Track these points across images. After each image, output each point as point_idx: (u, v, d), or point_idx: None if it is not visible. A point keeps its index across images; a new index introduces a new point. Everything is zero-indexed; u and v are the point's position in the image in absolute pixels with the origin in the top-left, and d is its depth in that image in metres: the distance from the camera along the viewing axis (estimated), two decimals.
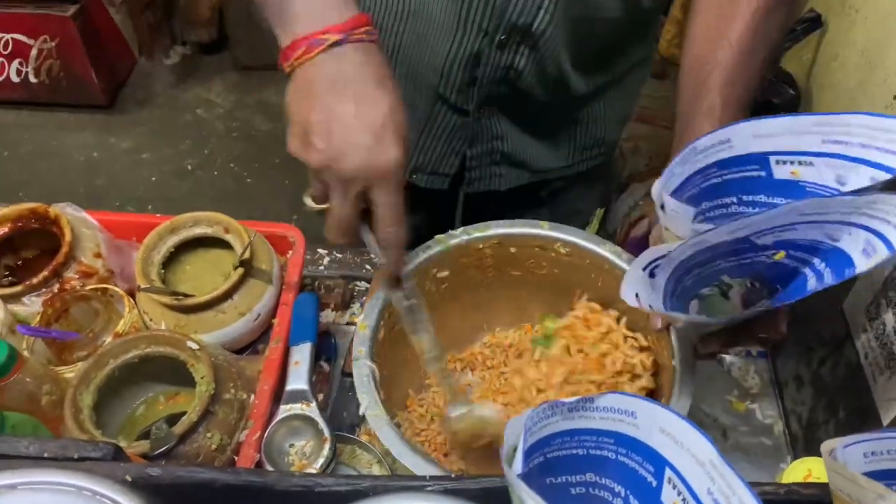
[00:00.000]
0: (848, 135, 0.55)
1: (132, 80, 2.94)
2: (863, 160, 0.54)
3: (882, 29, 1.20)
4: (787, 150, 0.58)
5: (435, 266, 0.82)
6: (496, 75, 0.86)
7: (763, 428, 0.89)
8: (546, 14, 0.78)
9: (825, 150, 0.56)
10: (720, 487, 0.39)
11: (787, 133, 0.57)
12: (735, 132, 0.58)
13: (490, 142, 0.96)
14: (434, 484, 0.52)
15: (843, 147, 0.55)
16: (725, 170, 0.60)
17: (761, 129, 0.58)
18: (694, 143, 0.58)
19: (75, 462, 0.54)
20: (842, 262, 0.55)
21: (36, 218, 0.89)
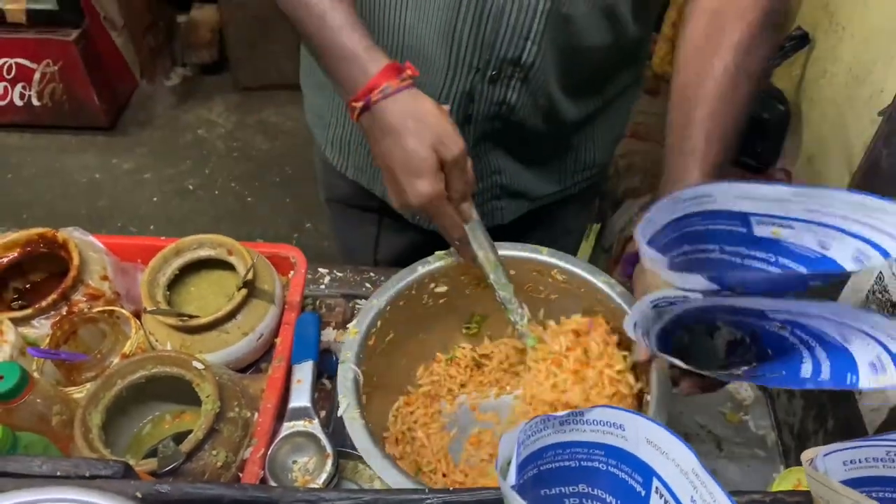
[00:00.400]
0: (830, 206, 0.55)
1: (133, 101, 2.98)
2: (843, 230, 0.55)
3: (867, 46, 1.23)
4: (768, 214, 0.59)
5: (433, 281, 0.85)
6: (490, 111, 0.88)
7: (756, 439, 0.91)
8: (534, 45, 0.81)
9: (806, 217, 0.57)
10: (702, 495, 0.41)
11: (767, 199, 0.58)
12: (718, 190, 0.59)
13: (489, 177, 0.98)
14: (433, 497, 0.54)
15: (823, 216, 0.56)
16: (708, 220, 0.61)
17: (743, 190, 0.58)
18: (676, 194, 0.58)
19: (87, 480, 0.56)
20: (845, 366, 0.54)
21: (44, 242, 0.91)
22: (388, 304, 0.83)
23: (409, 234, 1.08)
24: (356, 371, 0.77)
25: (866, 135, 0.74)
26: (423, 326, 0.88)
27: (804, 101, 1.51)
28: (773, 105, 1.50)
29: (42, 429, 0.75)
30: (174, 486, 0.56)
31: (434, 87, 0.85)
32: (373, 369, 0.80)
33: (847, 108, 1.28)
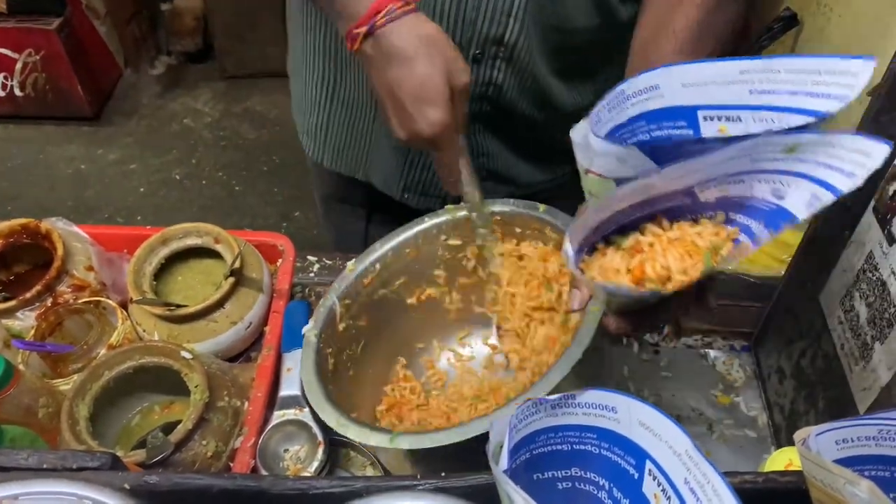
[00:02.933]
0: (774, 82, 0.51)
1: (118, 91, 2.95)
2: (791, 109, 0.51)
3: (855, 26, 1.23)
4: (715, 104, 0.55)
5: (445, 234, 0.85)
6: (477, 91, 0.87)
7: (747, 420, 0.91)
8: (516, 22, 0.80)
9: (752, 103, 0.53)
10: (695, 476, 0.41)
11: (714, 82, 0.54)
12: (664, 77, 0.55)
13: (477, 159, 0.97)
14: (425, 483, 0.54)
15: (770, 97, 0.52)
16: (654, 124, 0.57)
17: (689, 76, 0.55)
18: (622, 86, 0.55)
19: (74, 472, 0.55)
20: (782, 218, 0.51)
21: (27, 233, 0.90)
22: (391, 250, 0.83)
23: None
24: (335, 301, 0.79)
25: (855, 115, 0.73)
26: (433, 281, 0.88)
27: None
28: None
29: (28, 421, 0.74)
30: (163, 476, 0.55)
31: None
32: (364, 311, 0.82)
33: None
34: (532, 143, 0.99)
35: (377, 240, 0.91)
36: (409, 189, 1.01)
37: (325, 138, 1.02)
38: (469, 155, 0.77)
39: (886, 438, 0.48)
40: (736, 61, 0.53)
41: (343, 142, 1.01)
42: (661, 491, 0.45)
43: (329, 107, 0.99)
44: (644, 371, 0.95)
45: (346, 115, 0.98)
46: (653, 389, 0.93)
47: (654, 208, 0.55)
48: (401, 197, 1.02)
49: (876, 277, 0.67)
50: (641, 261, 0.54)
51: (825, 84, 0.48)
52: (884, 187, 0.65)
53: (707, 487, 0.40)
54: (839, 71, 0.48)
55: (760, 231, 0.52)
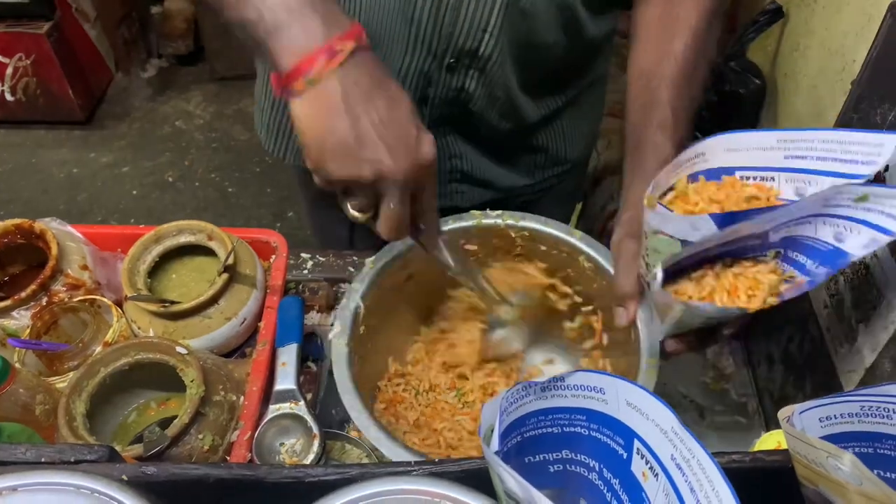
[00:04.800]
0: (809, 150, 0.59)
1: (109, 94, 2.95)
2: (819, 171, 0.59)
3: (839, 19, 1.24)
4: (752, 166, 0.63)
5: (464, 237, 0.85)
6: (447, 96, 0.88)
7: (738, 406, 0.92)
8: (491, 38, 0.81)
9: (785, 166, 0.61)
10: (681, 452, 0.42)
11: (754, 148, 0.62)
12: (709, 147, 0.63)
13: (448, 160, 0.98)
14: (419, 468, 0.55)
15: (801, 161, 0.60)
16: None
17: (732, 143, 0.63)
18: (677, 159, 0.63)
19: (72, 465, 0.56)
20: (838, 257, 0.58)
21: (21, 233, 0.91)
22: (407, 249, 0.83)
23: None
24: (359, 304, 0.79)
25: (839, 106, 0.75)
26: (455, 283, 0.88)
27: (779, 74, 1.52)
28: (748, 80, 1.52)
29: (25, 419, 0.74)
30: (160, 467, 0.56)
31: (391, 62, 0.85)
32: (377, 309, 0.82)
33: (820, 81, 1.29)
34: (502, 148, 1.00)
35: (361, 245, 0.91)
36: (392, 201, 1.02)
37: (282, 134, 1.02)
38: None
39: (868, 415, 0.49)
40: (775, 132, 0.62)
41: None
42: (649, 468, 0.46)
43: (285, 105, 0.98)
44: None
45: None
46: None
47: (733, 247, 0.62)
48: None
49: (860, 262, 0.68)
50: (711, 290, 0.62)
51: (853, 153, 0.57)
52: None
53: (693, 462, 0.41)
54: (867, 143, 0.56)
55: (815, 269, 0.60)
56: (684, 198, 0.64)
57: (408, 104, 0.62)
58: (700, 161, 0.64)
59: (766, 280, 0.61)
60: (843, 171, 0.58)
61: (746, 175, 0.63)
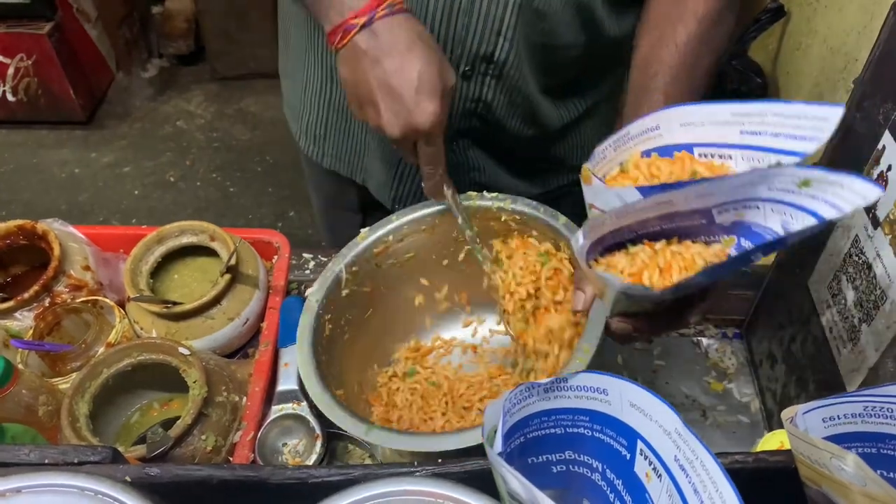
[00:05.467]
0: (763, 125, 0.58)
1: (110, 94, 2.95)
2: (773, 149, 0.58)
3: (841, 18, 1.24)
4: (709, 142, 0.61)
5: None
6: (467, 108, 0.87)
7: (740, 406, 0.92)
8: (505, 41, 0.80)
9: (742, 143, 0.60)
10: (685, 453, 0.42)
11: (709, 122, 0.61)
12: (662, 119, 0.62)
13: (468, 174, 0.98)
14: (422, 469, 0.55)
15: (757, 138, 0.59)
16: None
17: (686, 116, 0.61)
18: (626, 128, 0.62)
19: (75, 466, 0.56)
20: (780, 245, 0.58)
21: (24, 234, 0.91)
22: (407, 224, 0.84)
23: None
24: (342, 268, 0.81)
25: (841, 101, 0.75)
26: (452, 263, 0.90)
27: (781, 73, 1.52)
28: (750, 78, 1.51)
29: (29, 420, 0.74)
30: (164, 468, 0.56)
31: None
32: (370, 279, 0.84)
33: (822, 79, 1.29)
34: (521, 158, 0.99)
35: None
36: (399, 200, 1.02)
37: (323, 141, 1.03)
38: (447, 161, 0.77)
39: (872, 415, 0.49)
40: (728, 104, 0.60)
41: (340, 147, 1.02)
42: (653, 469, 0.46)
43: (326, 112, 0.99)
44: (637, 359, 0.96)
45: (341, 122, 0.99)
46: (646, 378, 0.95)
47: (673, 225, 0.59)
48: (392, 207, 1.03)
49: (862, 261, 0.68)
50: (642, 266, 0.59)
51: (802, 128, 0.56)
52: (868, 171, 0.67)
53: (696, 463, 0.41)
54: (815, 116, 0.55)
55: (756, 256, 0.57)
56: (629, 173, 0.63)
57: (420, 69, 0.67)
58: (654, 136, 0.63)
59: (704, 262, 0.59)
60: (792, 148, 0.57)
61: (705, 152, 0.62)
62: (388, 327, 0.89)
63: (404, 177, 0.99)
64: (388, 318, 0.89)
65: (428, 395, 0.87)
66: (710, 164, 0.62)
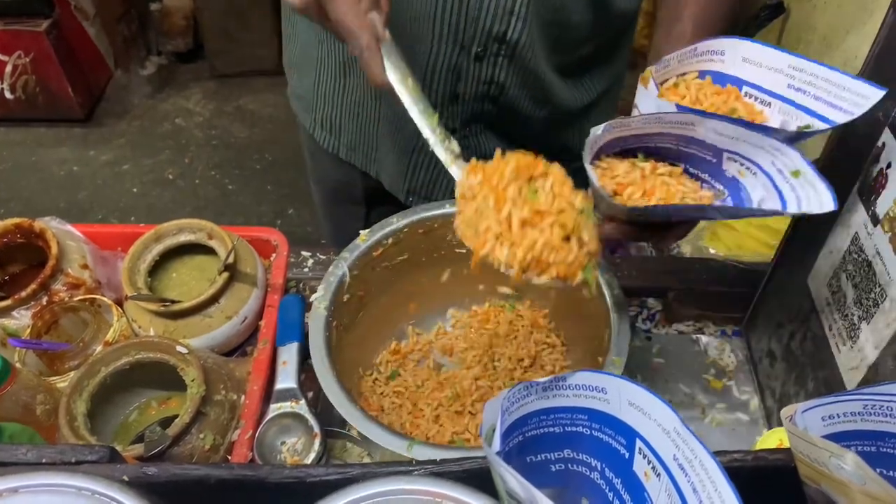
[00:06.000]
0: (810, 85, 0.62)
1: (109, 92, 2.94)
2: (810, 110, 0.63)
3: (840, 14, 1.24)
4: (758, 85, 0.66)
5: None
6: (479, 90, 0.87)
7: (740, 404, 0.92)
8: (518, 20, 0.80)
9: (786, 95, 0.65)
10: (684, 453, 0.42)
11: (766, 66, 0.65)
12: (728, 46, 0.67)
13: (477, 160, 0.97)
14: (420, 468, 0.55)
15: (800, 95, 0.63)
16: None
17: (749, 52, 0.66)
18: (695, 45, 0.66)
19: (73, 466, 0.56)
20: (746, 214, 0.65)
21: (21, 233, 0.90)
22: (407, 226, 0.85)
23: None
24: (345, 272, 0.81)
25: None
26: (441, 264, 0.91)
27: None
28: None
29: (26, 419, 0.74)
30: (161, 468, 0.56)
31: (419, 60, 0.85)
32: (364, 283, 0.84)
33: None
34: (534, 142, 0.99)
35: None
36: (413, 192, 1.02)
37: (339, 132, 1.03)
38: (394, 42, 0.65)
39: (871, 413, 0.49)
40: (790, 55, 0.64)
41: (354, 139, 1.02)
42: (651, 468, 0.46)
43: (340, 105, 1.00)
44: (636, 357, 0.96)
45: (354, 115, 0.99)
46: (645, 375, 0.94)
47: (689, 150, 0.64)
48: (406, 200, 1.03)
49: (861, 258, 0.68)
50: (632, 180, 0.64)
51: (843, 98, 0.60)
52: (867, 168, 0.66)
53: (695, 462, 0.41)
54: (858, 92, 0.60)
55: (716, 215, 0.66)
56: (678, 89, 0.68)
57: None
58: (717, 59, 0.67)
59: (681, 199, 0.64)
60: (826, 114, 0.61)
61: (751, 93, 0.67)
62: (372, 331, 0.89)
63: (418, 167, 0.99)
64: (373, 321, 0.89)
65: (415, 399, 0.87)
66: (751, 106, 0.66)
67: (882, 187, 0.64)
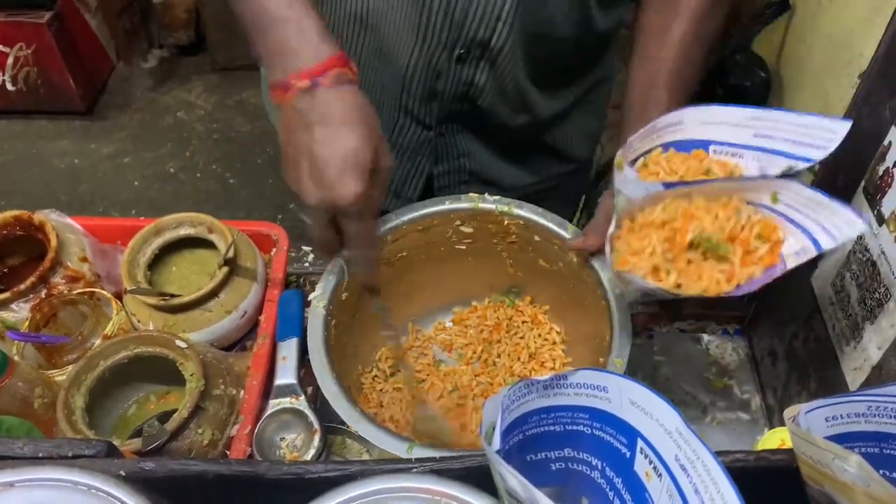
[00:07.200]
0: (775, 129, 0.64)
1: (110, 85, 2.93)
2: (783, 153, 0.63)
3: (846, 12, 1.23)
4: (724, 141, 0.67)
5: (461, 220, 0.87)
6: (457, 90, 0.87)
7: (741, 403, 0.92)
8: (505, 27, 0.80)
9: (755, 144, 0.65)
10: (686, 453, 0.41)
11: (726, 123, 0.66)
12: (687, 115, 0.68)
13: (457, 159, 0.97)
14: (420, 466, 0.54)
15: (769, 141, 0.64)
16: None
17: (707, 115, 0.67)
18: (654, 122, 0.67)
19: (70, 460, 0.55)
20: None
21: (20, 225, 0.90)
22: (405, 223, 0.85)
23: None
24: (344, 272, 0.81)
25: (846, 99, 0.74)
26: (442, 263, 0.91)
27: (784, 67, 1.50)
28: (753, 73, 1.50)
29: (24, 412, 0.74)
30: (159, 463, 0.55)
31: (401, 56, 0.84)
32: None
33: (826, 74, 1.28)
34: (511, 146, 0.99)
35: None
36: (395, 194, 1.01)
37: None
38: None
39: (876, 414, 0.48)
40: (746, 109, 0.66)
41: None
42: (653, 468, 0.45)
43: None
44: (638, 356, 0.96)
45: None
46: (647, 374, 0.94)
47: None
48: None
49: (866, 258, 0.67)
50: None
51: (812, 136, 0.62)
52: (873, 167, 0.66)
53: (697, 463, 0.41)
54: (825, 128, 0.61)
55: None
56: (649, 168, 0.68)
57: (349, 146, 0.65)
58: (677, 130, 0.68)
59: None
60: (801, 153, 0.62)
61: (718, 150, 0.68)
62: (372, 328, 0.88)
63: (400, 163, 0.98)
64: (372, 318, 0.88)
65: (416, 394, 0.87)
66: (724, 162, 0.67)
67: (888, 186, 0.64)
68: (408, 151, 0.96)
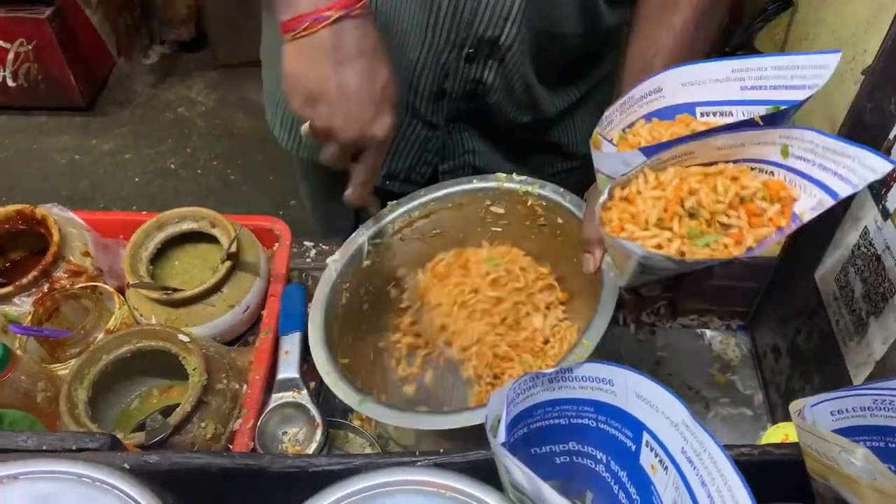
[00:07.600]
0: (762, 79, 0.60)
1: (111, 81, 2.93)
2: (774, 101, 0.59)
3: (849, 8, 1.23)
4: (711, 101, 0.63)
5: (490, 200, 0.87)
6: (465, 89, 0.87)
7: (744, 398, 0.92)
8: (513, 27, 0.80)
9: (743, 98, 0.61)
10: (692, 446, 0.41)
11: (710, 80, 0.62)
12: (665, 81, 0.63)
13: (462, 156, 0.98)
14: (424, 459, 0.54)
15: (757, 93, 0.60)
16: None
17: (687, 75, 0.63)
18: (630, 93, 0.63)
19: (74, 453, 0.55)
20: None
21: (23, 219, 0.90)
22: (433, 200, 0.86)
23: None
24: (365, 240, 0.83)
25: (849, 96, 0.74)
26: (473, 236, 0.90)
27: None
28: None
29: (27, 406, 0.74)
30: (162, 456, 0.55)
31: (409, 56, 0.84)
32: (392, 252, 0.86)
33: None
34: (517, 143, 0.99)
35: None
36: (393, 176, 1.01)
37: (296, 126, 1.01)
38: None
39: (881, 408, 0.48)
40: (728, 61, 0.61)
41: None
42: (659, 461, 0.45)
43: None
44: (640, 351, 0.96)
45: None
46: (649, 369, 0.94)
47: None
48: (382, 184, 1.02)
49: (871, 253, 0.67)
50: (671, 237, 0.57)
51: (802, 77, 0.57)
52: None
53: (704, 456, 0.41)
54: (813, 65, 0.57)
55: None
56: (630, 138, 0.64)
57: (382, 81, 0.66)
58: (657, 98, 0.64)
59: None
60: (792, 97, 0.58)
61: (706, 111, 0.63)
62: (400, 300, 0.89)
63: (398, 153, 0.98)
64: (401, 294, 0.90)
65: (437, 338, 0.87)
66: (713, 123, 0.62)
67: (893, 181, 0.64)
68: (416, 145, 0.95)
